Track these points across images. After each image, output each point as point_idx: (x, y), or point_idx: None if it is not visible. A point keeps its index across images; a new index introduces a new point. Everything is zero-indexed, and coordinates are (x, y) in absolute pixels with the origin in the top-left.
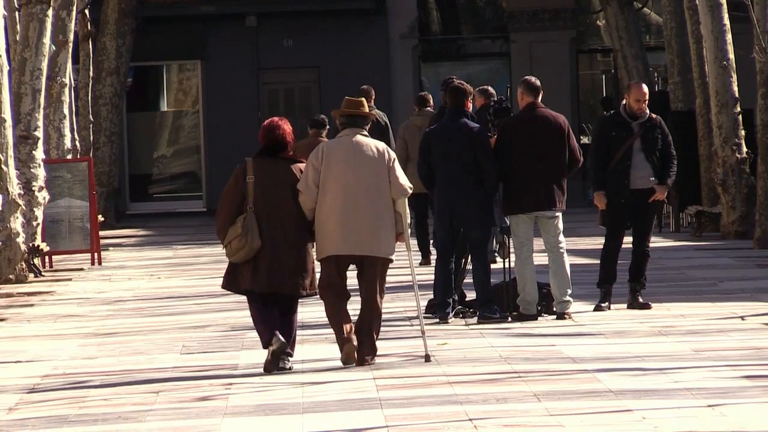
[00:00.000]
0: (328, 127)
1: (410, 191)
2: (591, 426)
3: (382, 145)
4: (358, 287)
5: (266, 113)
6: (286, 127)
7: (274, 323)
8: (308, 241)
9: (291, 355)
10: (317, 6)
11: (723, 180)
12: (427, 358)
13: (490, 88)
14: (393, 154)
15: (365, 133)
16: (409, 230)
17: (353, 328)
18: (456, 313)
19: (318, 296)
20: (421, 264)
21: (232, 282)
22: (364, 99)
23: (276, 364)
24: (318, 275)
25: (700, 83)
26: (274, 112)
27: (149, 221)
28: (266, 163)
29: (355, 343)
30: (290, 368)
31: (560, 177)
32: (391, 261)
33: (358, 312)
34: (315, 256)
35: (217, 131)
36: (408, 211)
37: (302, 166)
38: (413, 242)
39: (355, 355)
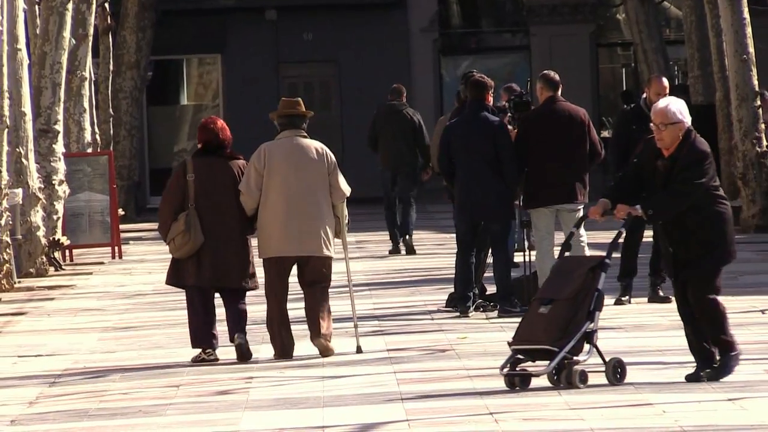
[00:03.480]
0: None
1: (348, 194)
2: (611, 419)
3: (322, 147)
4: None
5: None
6: (222, 124)
7: (213, 323)
8: (249, 235)
9: (244, 333)
10: None
11: (743, 173)
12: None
13: (514, 85)
14: (333, 158)
15: (304, 134)
16: (347, 229)
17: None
18: (476, 306)
19: (257, 290)
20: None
21: (175, 277)
22: (300, 99)
23: (248, 356)
24: (259, 270)
25: (720, 77)
26: None
27: None
28: (206, 161)
29: (319, 338)
30: (239, 344)
31: (581, 170)
32: (332, 258)
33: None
34: (259, 254)
35: (237, 125)
36: (346, 213)
37: (241, 163)
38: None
39: (327, 347)
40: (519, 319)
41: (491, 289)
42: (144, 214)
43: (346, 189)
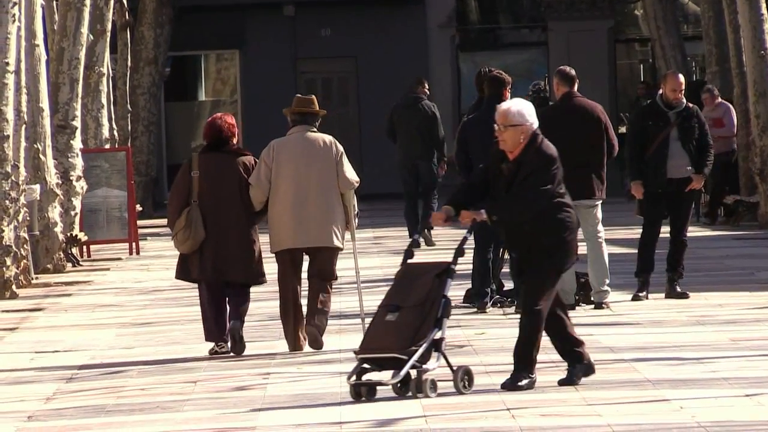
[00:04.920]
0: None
1: (357, 184)
2: (628, 415)
3: (329, 139)
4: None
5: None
6: (230, 121)
7: (223, 317)
8: (253, 228)
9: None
10: None
11: (761, 169)
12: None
13: (541, 84)
14: (340, 148)
15: (314, 129)
16: (356, 221)
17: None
18: (494, 302)
19: (264, 284)
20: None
21: (182, 272)
22: (313, 97)
23: (237, 340)
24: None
25: (738, 73)
26: None
27: None
28: (212, 157)
29: (312, 326)
30: (230, 329)
31: (598, 166)
32: (341, 249)
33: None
34: (270, 248)
35: (255, 121)
36: (355, 203)
37: (248, 159)
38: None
39: (317, 338)
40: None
41: (509, 284)
42: (161, 210)
43: (353, 177)
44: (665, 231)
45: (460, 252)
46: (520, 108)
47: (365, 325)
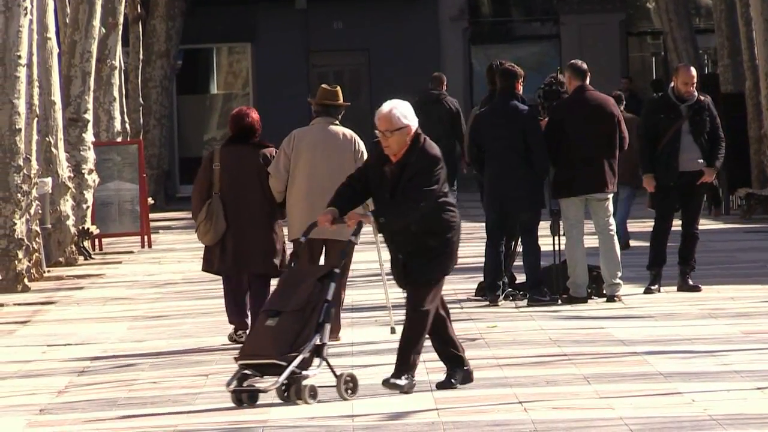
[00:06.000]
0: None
1: None
2: (640, 408)
3: (350, 134)
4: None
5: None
6: (255, 115)
7: (244, 308)
8: (276, 221)
9: None
10: None
11: None
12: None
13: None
14: (361, 145)
15: (336, 122)
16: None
17: None
18: (506, 295)
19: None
20: None
21: (207, 263)
22: (338, 88)
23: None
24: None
25: (750, 65)
26: None
27: None
28: (235, 150)
29: None
30: None
31: (611, 159)
32: (356, 243)
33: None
34: (288, 237)
35: (267, 114)
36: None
37: (270, 150)
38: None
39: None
40: (548, 308)
41: (521, 278)
42: (173, 203)
43: None
44: (677, 224)
45: (344, 254)
46: (402, 110)
47: (392, 316)
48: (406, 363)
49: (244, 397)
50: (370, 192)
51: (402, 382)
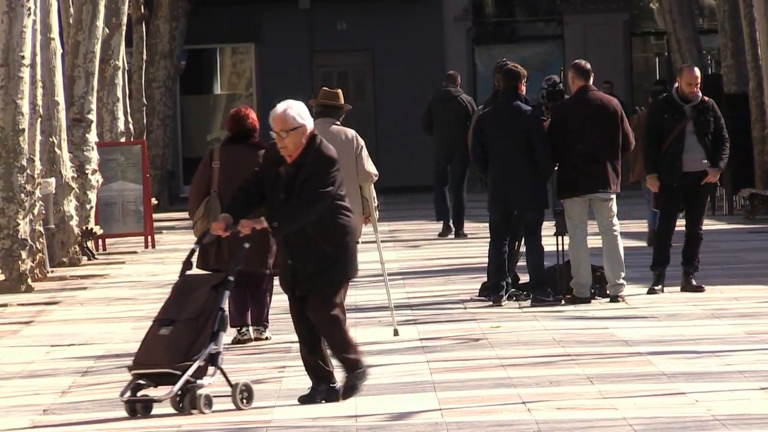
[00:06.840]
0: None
1: (376, 177)
2: (644, 409)
3: (352, 133)
4: None
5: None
6: (253, 115)
7: (244, 306)
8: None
9: (266, 327)
10: None
11: None
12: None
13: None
14: (361, 142)
15: (338, 123)
16: (377, 213)
17: None
18: (509, 295)
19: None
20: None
21: (202, 261)
22: (340, 91)
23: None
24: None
25: (753, 66)
26: None
27: None
28: (233, 149)
29: None
30: (268, 338)
31: (614, 159)
32: (358, 242)
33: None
34: None
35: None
36: (374, 194)
37: None
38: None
39: None
40: (552, 308)
41: (524, 278)
42: (177, 204)
43: (372, 170)
44: (681, 224)
45: (237, 262)
46: (297, 110)
47: (394, 316)
48: (347, 363)
49: (138, 407)
50: (264, 195)
51: (358, 383)
